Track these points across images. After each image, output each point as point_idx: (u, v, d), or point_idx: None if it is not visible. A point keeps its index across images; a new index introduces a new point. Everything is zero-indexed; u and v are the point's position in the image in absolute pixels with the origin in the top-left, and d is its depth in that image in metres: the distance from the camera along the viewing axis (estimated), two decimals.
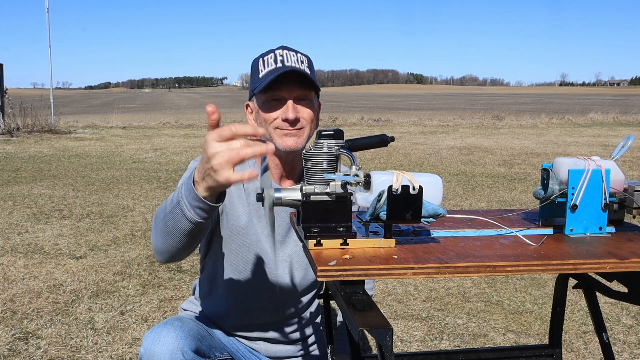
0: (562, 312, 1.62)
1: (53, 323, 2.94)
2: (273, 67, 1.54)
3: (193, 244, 1.32)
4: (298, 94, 1.55)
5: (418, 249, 1.12)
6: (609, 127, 17.22)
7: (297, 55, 1.57)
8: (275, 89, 1.53)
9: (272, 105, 1.56)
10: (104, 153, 10.33)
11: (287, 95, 1.54)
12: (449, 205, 5.79)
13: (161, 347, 1.41)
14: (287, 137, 1.56)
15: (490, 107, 27.31)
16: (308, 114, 1.57)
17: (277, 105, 1.55)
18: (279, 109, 1.55)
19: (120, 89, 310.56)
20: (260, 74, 1.56)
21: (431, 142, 12.45)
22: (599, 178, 1.21)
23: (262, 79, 1.55)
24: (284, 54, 1.56)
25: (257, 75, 1.58)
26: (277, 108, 1.55)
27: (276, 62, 1.54)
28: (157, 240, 1.34)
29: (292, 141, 1.56)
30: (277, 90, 1.54)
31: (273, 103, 1.55)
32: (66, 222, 5.06)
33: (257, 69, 1.58)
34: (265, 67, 1.55)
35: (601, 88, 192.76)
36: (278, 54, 1.56)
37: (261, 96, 1.56)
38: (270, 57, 1.56)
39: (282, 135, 1.56)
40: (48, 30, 14.22)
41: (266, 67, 1.55)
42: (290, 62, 1.54)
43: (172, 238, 1.28)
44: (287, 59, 1.55)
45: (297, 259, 1.69)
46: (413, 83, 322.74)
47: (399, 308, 3.20)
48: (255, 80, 1.58)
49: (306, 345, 1.82)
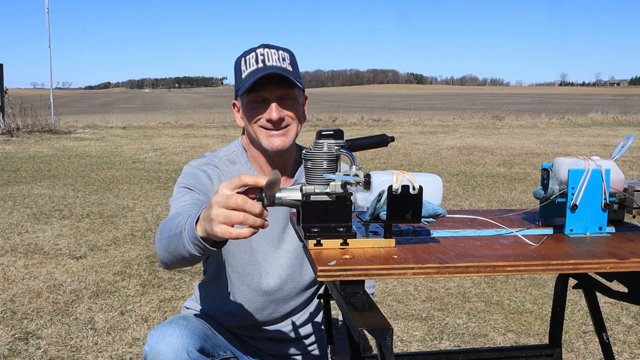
0: (562, 312, 1.62)
1: (53, 323, 2.94)
2: (254, 68, 1.54)
3: (196, 263, 1.35)
4: (281, 94, 1.56)
5: (418, 249, 1.12)
6: (609, 127, 17.22)
7: (279, 53, 1.56)
8: (258, 90, 1.54)
9: (255, 107, 1.56)
10: (104, 153, 10.33)
11: (269, 95, 1.55)
12: (449, 205, 5.79)
13: (166, 346, 1.41)
14: (274, 137, 1.57)
15: (490, 107, 27.31)
16: (292, 113, 1.58)
17: (260, 107, 1.56)
18: (262, 110, 1.56)
19: (120, 89, 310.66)
20: (242, 74, 1.57)
21: (431, 142, 12.45)
22: (599, 178, 1.21)
23: (244, 79, 1.55)
24: (264, 53, 1.55)
25: (240, 75, 1.58)
26: (260, 109, 1.56)
27: (257, 62, 1.54)
28: (161, 253, 1.35)
29: (279, 141, 1.57)
30: (260, 92, 1.54)
31: (256, 104, 1.56)
32: (66, 222, 5.06)
33: (240, 69, 1.58)
34: (247, 67, 1.55)
35: (601, 88, 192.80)
36: (259, 53, 1.55)
37: (245, 97, 1.57)
38: (252, 57, 1.56)
39: (267, 136, 1.57)
40: (48, 30, 14.23)
41: (248, 68, 1.55)
42: (271, 61, 1.54)
43: (174, 257, 1.30)
44: (268, 59, 1.54)
45: (294, 258, 1.69)
46: (413, 83, 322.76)
47: (399, 308, 3.20)
48: (239, 81, 1.58)
49: (308, 344, 1.82)
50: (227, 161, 1.65)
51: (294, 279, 1.71)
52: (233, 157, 1.66)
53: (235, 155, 1.67)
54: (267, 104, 1.55)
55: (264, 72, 1.51)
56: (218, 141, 12.47)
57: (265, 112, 1.55)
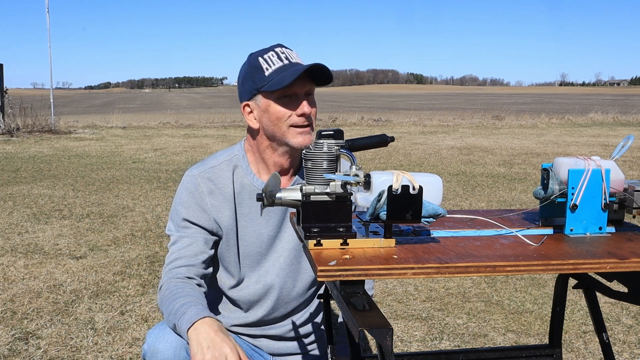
0: (562, 312, 1.62)
1: (53, 323, 2.94)
2: (281, 65, 1.53)
3: None
4: (308, 89, 1.56)
5: (418, 249, 1.12)
6: (609, 127, 17.22)
7: (295, 52, 1.59)
8: (289, 85, 1.52)
9: (285, 102, 1.55)
10: (104, 153, 10.33)
11: (299, 90, 1.54)
12: (449, 205, 5.79)
13: (165, 344, 1.41)
14: (301, 135, 1.56)
15: (490, 107, 27.31)
16: (315, 110, 1.59)
17: (289, 102, 1.55)
18: (292, 105, 1.55)
19: (120, 89, 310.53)
20: (265, 72, 1.54)
21: (431, 142, 12.45)
22: (599, 178, 1.21)
23: (270, 76, 1.53)
24: (285, 51, 1.56)
25: (261, 73, 1.55)
26: (290, 104, 1.55)
27: (281, 60, 1.54)
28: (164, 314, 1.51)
29: (307, 139, 1.57)
30: (292, 87, 1.53)
31: (285, 100, 1.54)
32: (66, 222, 5.06)
33: (260, 67, 1.55)
34: (271, 64, 1.54)
35: (601, 88, 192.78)
36: (279, 52, 1.55)
37: (271, 94, 1.55)
38: (273, 55, 1.55)
39: (296, 134, 1.56)
40: (48, 30, 14.23)
41: (272, 65, 1.54)
42: (294, 58, 1.55)
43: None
44: (291, 56, 1.55)
45: (292, 257, 1.69)
46: (413, 83, 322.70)
47: (399, 308, 3.20)
48: (261, 79, 1.55)
49: (308, 343, 1.82)
50: (227, 166, 1.65)
51: (292, 278, 1.71)
52: (235, 161, 1.66)
53: (237, 159, 1.66)
54: (295, 99, 1.54)
55: (297, 67, 1.51)
56: (218, 141, 12.47)
57: (297, 107, 1.54)
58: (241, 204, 1.64)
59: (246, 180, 1.64)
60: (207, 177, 1.63)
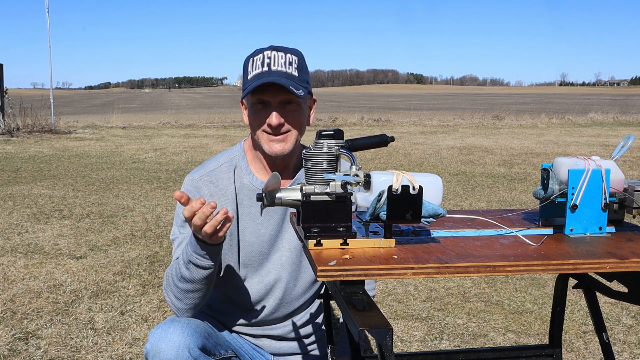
0: (562, 312, 1.62)
1: (53, 323, 2.94)
2: (259, 71, 1.53)
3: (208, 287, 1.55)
4: (283, 99, 1.55)
5: (418, 249, 1.12)
6: (609, 127, 17.22)
7: (286, 57, 1.55)
8: (260, 94, 1.53)
9: (258, 109, 1.57)
10: (104, 153, 10.33)
11: (271, 100, 1.54)
12: (449, 205, 5.79)
13: (167, 344, 1.41)
14: (273, 142, 1.57)
15: (490, 107, 27.31)
16: (293, 118, 1.57)
17: (262, 109, 1.56)
18: (264, 114, 1.56)
19: (120, 89, 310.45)
20: (248, 75, 1.57)
21: (431, 142, 12.45)
22: (599, 178, 1.21)
23: (249, 81, 1.55)
24: (271, 56, 1.54)
25: (246, 76, 1.58)
26: (262, 112, 1.56)
27: (262, 65, 1.53)
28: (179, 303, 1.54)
29: (278, 147, 1.57)
30: (262, 95, 1.54)
31: (259, 106, 1.56)
32: (66, 222, 5.06)
33: (247, 70, 1.58)
34: (253, 69, 1.55)
35: (601, 88, 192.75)
36: (266, 56, 1.54)
37: (249, 98, 1.57)
38: (258, 59, 1.55)
39: (268, 140, 1.57)
40: (48, 30, 14.23)
41: (253, 70, 1.55)
42: (277, 65, 1.53)
43: (189, 290, 1.51)
44: (274, 62, 1.53)
45: (294, 256, 1.69)
46: (413, 83, 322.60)
47: (399, 308, 3.20)
48: (245, 82, 1.58)
49: (308, 343, 1.83)
50: (227, 167, 1.66)
51: (294, 278, 1.71)
52: (234, 162, 1.67)
53: (236, 160, 1.67)
54: (269, 106, 1.55)
55: (265, 77, 1.51)
56: (218, 141, 12.47)
57: (267, 117, 1.55)
58: (241, 204, 1.65)
59: (245, 180, 1.65)
60: (209, 180, 1.64)
